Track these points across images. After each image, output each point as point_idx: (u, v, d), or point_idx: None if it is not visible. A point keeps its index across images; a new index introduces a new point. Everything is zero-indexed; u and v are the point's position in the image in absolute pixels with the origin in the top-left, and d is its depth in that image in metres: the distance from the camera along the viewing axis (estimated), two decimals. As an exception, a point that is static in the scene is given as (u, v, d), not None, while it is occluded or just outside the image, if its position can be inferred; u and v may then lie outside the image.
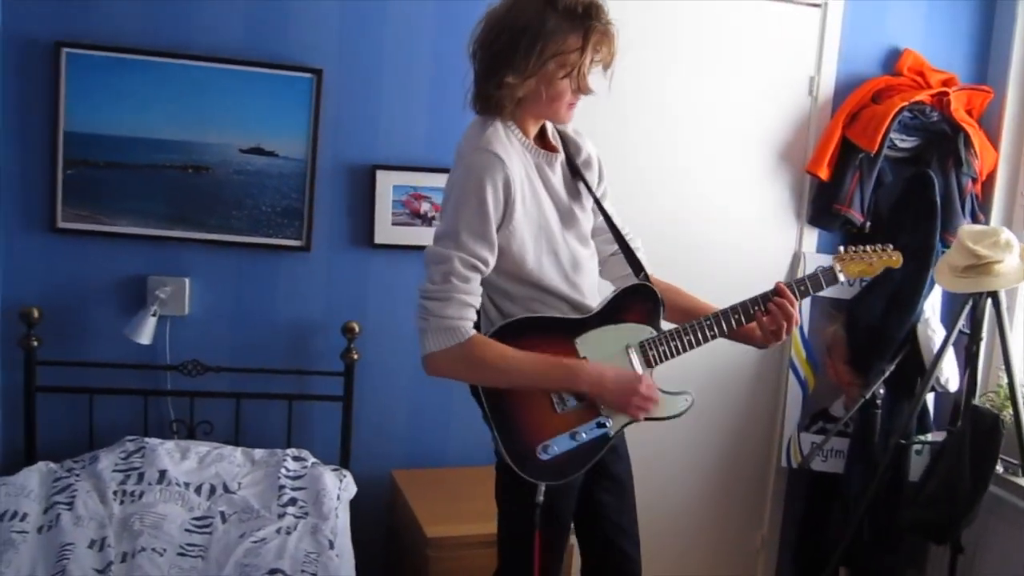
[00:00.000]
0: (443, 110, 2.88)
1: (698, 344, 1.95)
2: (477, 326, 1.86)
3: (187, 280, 2.77)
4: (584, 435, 1.89)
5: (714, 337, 1.96)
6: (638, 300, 1.97)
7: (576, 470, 1.90)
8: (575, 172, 1.99)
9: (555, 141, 1.98)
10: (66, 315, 2.71)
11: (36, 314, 2.61)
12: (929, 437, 3.08)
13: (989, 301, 2.68)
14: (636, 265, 2.05)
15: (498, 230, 1.82)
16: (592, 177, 2.03)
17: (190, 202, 2.74)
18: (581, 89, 1.84)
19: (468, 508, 2.62)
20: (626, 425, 1.94)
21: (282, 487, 2.51)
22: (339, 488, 2.59)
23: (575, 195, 1.98)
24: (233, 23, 2.70)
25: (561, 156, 1.97)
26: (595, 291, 2.00)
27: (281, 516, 2.40)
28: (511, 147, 1.84)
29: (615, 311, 1.96)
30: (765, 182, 3.20)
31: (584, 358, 1.89)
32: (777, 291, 1.97)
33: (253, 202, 2.78)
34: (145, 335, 2.68)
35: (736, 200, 3.18)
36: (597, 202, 2.01)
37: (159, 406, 2.80)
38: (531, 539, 1.95)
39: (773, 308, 1.96)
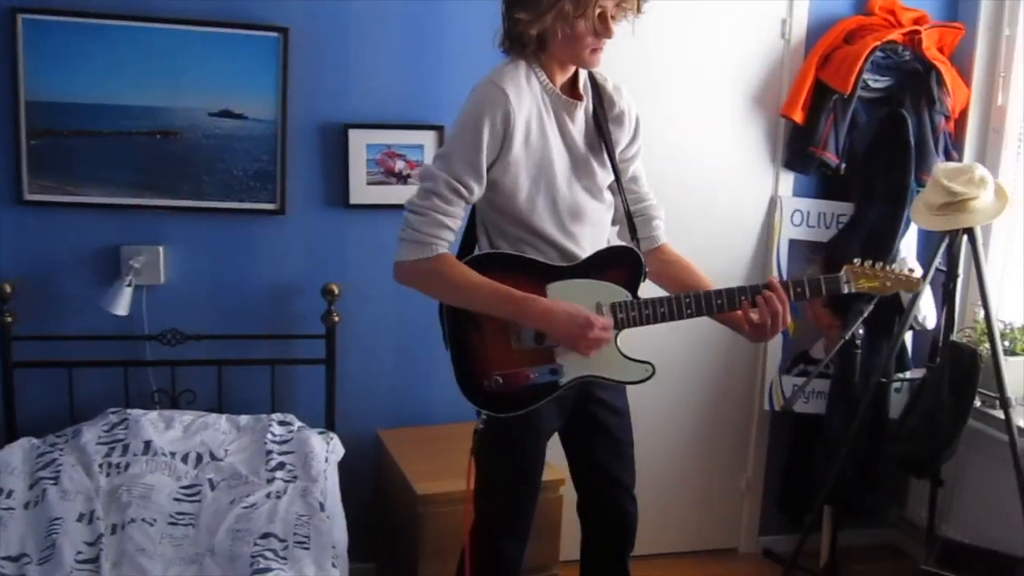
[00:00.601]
0: (415, 65, 2.84)
1: (671, 318, 1.94)
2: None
3: (161, 248, 2.73)
4: (532, 376, 1.91)
5: (691, 315, 1.94)
6: (623, 262, 1.97)
7: (517, 409, 1.93)
8: (600, 125, 1.98)
9: (585, 91, 1.98)
10: (40, 289, 2.67)
11: (9, 289, 2.57)
12: (908, 375, 3.13)
13: (965, 238, 2.69)
14: (632, 230, 2.06)
15: (494, 163, 1.86)
16: (620, 133, 2.03)
17: (160, 169, 2.70)
18: (600, 32, 1.83)
19: (455, 464, 2.59)
20: (581, 379, 1.95)
21: (269, 452, 2.51)
22: (327, 450, 2.59)
23: (596, 147, 1.98)
24: (195, -18, 2.64)
25: (585, 105, 1.96)
26: (599, 244, 2.01)
27: (270, 481, 2.40)
28: (524, 86, 1.87)
29: (596, 267, 1.96)
30: (740, 126, 3.19)
31: None
32: (768, 285, 1.93)
33: (224, 166, 2.73)
34: (121, 306, 2.64)
35: (712, 145, 3.16)
36: (612, 160, 2.00)
37: (140, 377, 2.78)
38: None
39: (760, 301, 1.92)
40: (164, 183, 2.70)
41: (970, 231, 2.66)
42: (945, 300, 2.80)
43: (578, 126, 1.96)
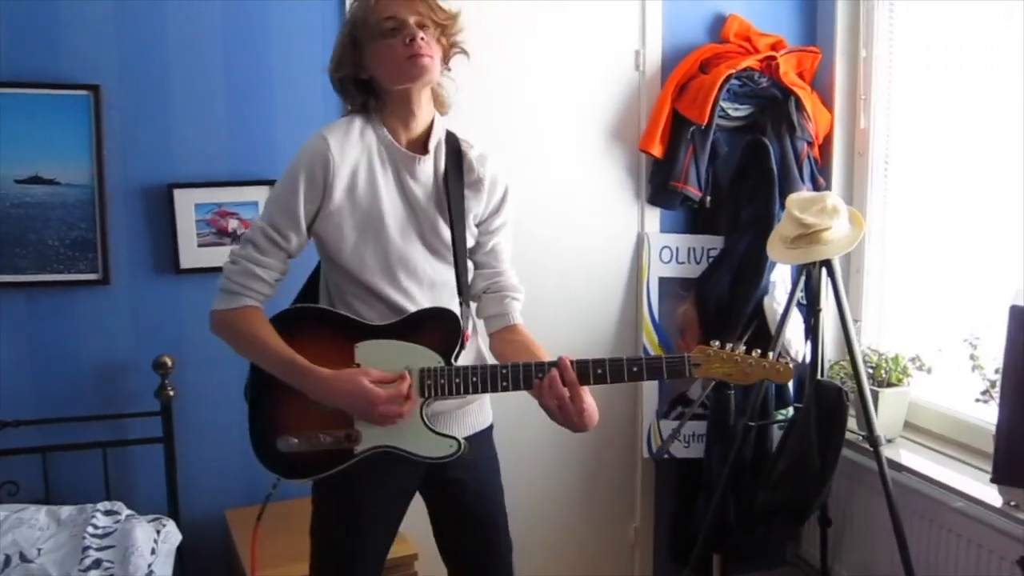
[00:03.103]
0: (243, 119, 2.67)
1: (484, 390, 1.76)
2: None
3: (-31, 330, 2.52)
4: (323, 439, 1.80)
5: (506, 388, 1.75)
6: (439, 324, 1.81)
7: (309, 474, 1.86)
8: (449, 186, 1.86)
9: (439, 150, 1.88)
10: None
11: None
12: (791, 411, 3.01)
13: (824, 270, 2.59)
14: (464, 293, 1.90)
15: (316, 214, 1.81)
16: (475, 201, 1.91)
17: (-36, 244, 2.49)
18: (401, 33, 1.76)
19: (304, 543, 2.43)
20: (378, 449, 1.79)
21: (86, 548, 2.28)
22: (155, 541, 2.37)
23: (442, 206, 1.86)
24: (-9, 42, 2.45)
25: (436, 163, 1.87)
26: (439, 303, 1.85)
27: (83, 583, 2.18)
28: (354, 136, 1.82)
29: (411, 328, 1.82)
30: (600, 164, 3.07)
31: (358, 365, 1.79)
32: (555, 363, 1.73)
33: (38, 236, 2.53)
34: (-76, 396, 2.42)
35: (571, 185, 3.04)
36: (461, 226, 1.87)
37: (-45, 472, 2.54)
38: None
39: (540, 385, 1.72)
40: (-30, 259, 2.49)
41: (827, 263, 2.56)
42: (808, 335, 2.69)
43: (422, 182, 1.86)
